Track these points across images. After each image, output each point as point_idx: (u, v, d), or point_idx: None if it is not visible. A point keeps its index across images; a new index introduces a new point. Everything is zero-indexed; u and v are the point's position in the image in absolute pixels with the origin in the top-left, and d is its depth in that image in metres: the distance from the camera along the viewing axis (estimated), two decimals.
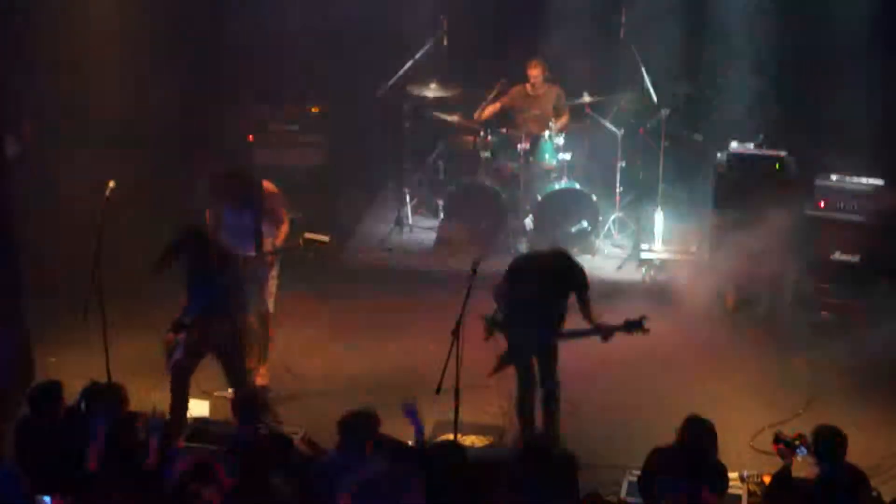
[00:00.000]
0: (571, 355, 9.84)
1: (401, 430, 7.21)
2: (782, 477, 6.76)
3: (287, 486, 6.52)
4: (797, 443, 6.74)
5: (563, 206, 11.56)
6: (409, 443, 7.13)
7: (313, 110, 12.77)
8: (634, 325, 8.06)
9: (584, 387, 9.27)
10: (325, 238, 8.72)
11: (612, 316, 8.26)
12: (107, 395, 7.14)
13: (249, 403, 7.18)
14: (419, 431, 7.08)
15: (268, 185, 8.94)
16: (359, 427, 6.70)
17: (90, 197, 8.76)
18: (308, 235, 8.65)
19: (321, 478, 6.65)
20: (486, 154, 11.71)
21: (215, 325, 8.09)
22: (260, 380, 9.04)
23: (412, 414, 7.09)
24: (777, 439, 6.82)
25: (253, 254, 8.71)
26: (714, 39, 11.57)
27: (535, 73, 11.61)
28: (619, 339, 10.13)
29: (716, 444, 6.65)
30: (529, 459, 6.41)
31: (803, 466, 6.84)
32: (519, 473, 6.33)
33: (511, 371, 8.26)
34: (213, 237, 8.43)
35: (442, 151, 12.28)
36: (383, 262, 11.61)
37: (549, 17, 11.87)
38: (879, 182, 10.31)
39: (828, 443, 6.57)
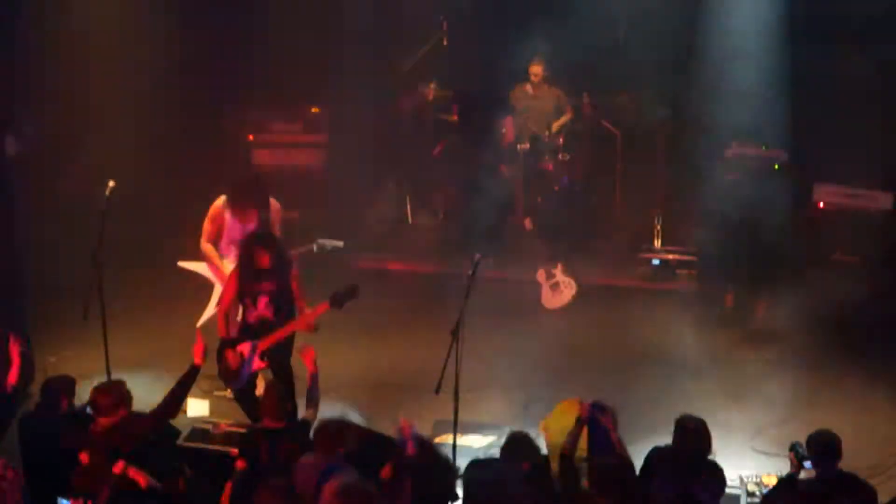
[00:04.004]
0: (572, 356, 9.89)
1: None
2: (788, 483, 6.77)
3: None
4: (806, 455, 6.77)
5: None
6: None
7: (313, 110, 12.77)
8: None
9: (584, 388, 9.27)
10: (340, 243, 8.74)
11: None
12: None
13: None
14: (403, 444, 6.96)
15: (272, 200, 8.96)
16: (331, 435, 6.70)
17: (90, 196, 8.77)
18: (321, 240, 8.65)
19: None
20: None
21: None
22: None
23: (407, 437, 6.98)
24: (793, 447, 6.84)
25: None
26: (715, 39, 11.57)
27: (535, 70, 11.63)
28: (619, 340, 10.26)
29: (710, 443, 6.66)
30: None
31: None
32: None
33: None
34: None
35: (442, 151, 12.29)
36: (383, 262, 11.62)
37: (549, 16, 11.87)
38: None
39: (822, 447, 6.58)
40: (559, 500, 6.50)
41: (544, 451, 7.02)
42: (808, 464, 6.74)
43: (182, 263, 9.28)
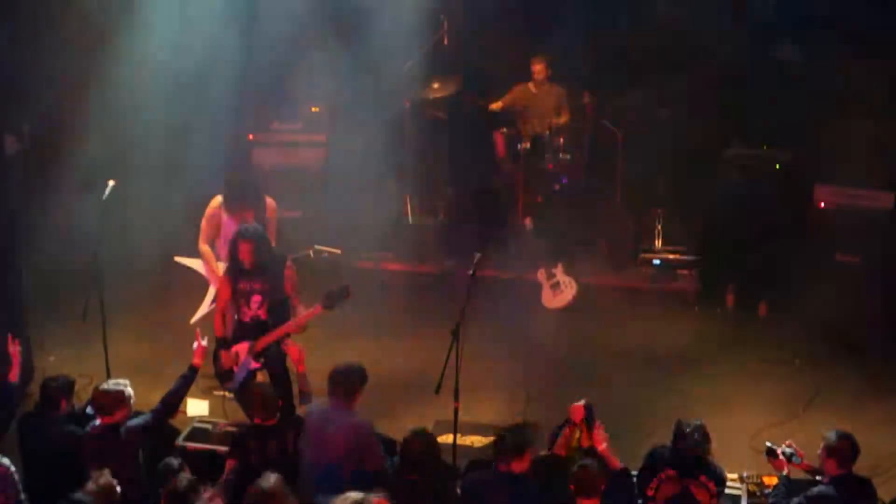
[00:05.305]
0: (572, 356, 9.89)
1: (400, 430, 7.22)
2: (786, 483, 6.78)
3: None
4: (790, 452, 6.80)
5: None
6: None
7: (313, 110, 12.74)
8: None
9: (585, 388, 9.26)
10: (337, 250, 8.72)
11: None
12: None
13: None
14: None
15: (268, 199, 8.96)
16: (349, 379, 7.02)
17: (90, 196, 8.78)
18: (318, 247, 8.63)
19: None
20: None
21: None
22: None
23: None
24: (770, 451, 6.85)
25: None
26: (715, 39, 11.56)
27: (538, 68, 11.62)
28: (619, 340, 10.26)
29: (709, 443, 6.65)
30: None
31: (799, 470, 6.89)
32: None
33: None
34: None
35: (442, 152, 12.28)
36: (383, 262, 11.61)
37: (549, 16, 11.87)
38: None
39: (841, 449, 6.58)
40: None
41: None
42: (796, 459, 6.77)
43: (179, 259, 9.30)
